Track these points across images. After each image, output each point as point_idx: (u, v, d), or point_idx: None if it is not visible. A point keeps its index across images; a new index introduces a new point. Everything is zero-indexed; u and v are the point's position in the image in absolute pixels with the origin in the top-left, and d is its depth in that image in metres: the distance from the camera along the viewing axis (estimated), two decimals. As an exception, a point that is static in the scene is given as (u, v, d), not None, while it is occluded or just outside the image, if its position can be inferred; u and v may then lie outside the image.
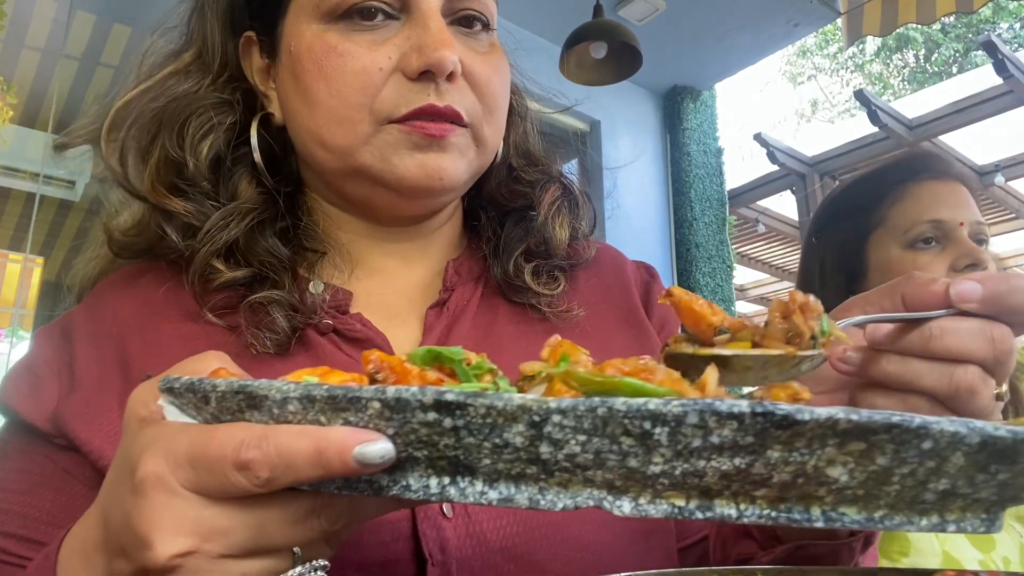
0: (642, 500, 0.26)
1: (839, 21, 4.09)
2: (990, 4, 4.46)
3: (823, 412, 0.23)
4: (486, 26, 0.55)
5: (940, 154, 1.19)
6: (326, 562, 0.31)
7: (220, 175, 0.57)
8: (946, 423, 0.24)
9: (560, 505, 0.27)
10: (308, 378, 0.29)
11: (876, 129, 5.02)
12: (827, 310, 1.05)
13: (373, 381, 0.29)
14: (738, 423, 0.23)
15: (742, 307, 7.43)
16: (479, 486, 0.27)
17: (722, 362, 0.33)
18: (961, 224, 1.01)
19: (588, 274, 0.65)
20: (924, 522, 0.27)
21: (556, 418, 0.25)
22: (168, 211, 0.55)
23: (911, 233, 1.03)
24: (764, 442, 0.24)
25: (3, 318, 4.23)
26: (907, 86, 14.59)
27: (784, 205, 6.26)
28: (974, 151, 5.27)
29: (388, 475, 0.28)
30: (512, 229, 0.62)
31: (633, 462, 0.25)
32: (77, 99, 3.98)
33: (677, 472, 0.25)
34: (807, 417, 0.23)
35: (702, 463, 0.25)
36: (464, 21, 0.54)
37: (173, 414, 0.31)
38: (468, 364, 0.30)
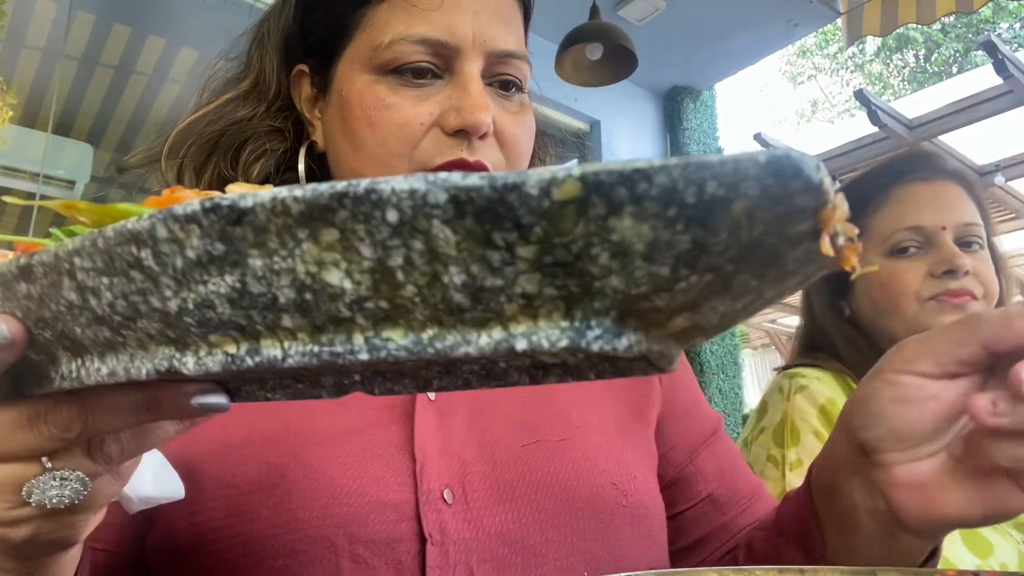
0: (201, 353, 0.24)
1: (839, 21, 4.08)
2: (990, 4, 4.46)
3: (267, 194, 0.20)
4: (519, 88, 0.60)
5: (931, 153, 1.13)
6: (79, 473, 0.30)
7: None
8: (399, 180, 0.19)
9: (144, 371, 0.25)
10: None
11: (876, 129, 5.01)
12: (824, 328, 1.06)
13: None
14: (199, 227, 0.21)
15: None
16: (96, 363, 0.26)
17: None
18: (943, 228, 0.97)
19: None
20: (484, 339, 0.21)
21: (77, 261, 0.23)
22: None
23: (890, 242, 0.99)
24: (235, 247, 0.21)
25: (3, 318, 4.23)
26: (907, 86, 14.59)
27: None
28: (974, 151, 5.26)
29: (53, 366, 0.28)
30: None
31: (155, 301, 0.23)
32: (77, 99, 3.98)
33: (191, 306, 0.23)
34: (251, 203, 0.20)
35: (202, 289, 0.22)
36: (501, 84, 0.59)
37: None
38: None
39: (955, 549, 0.85)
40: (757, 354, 9.53)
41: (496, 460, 0.53)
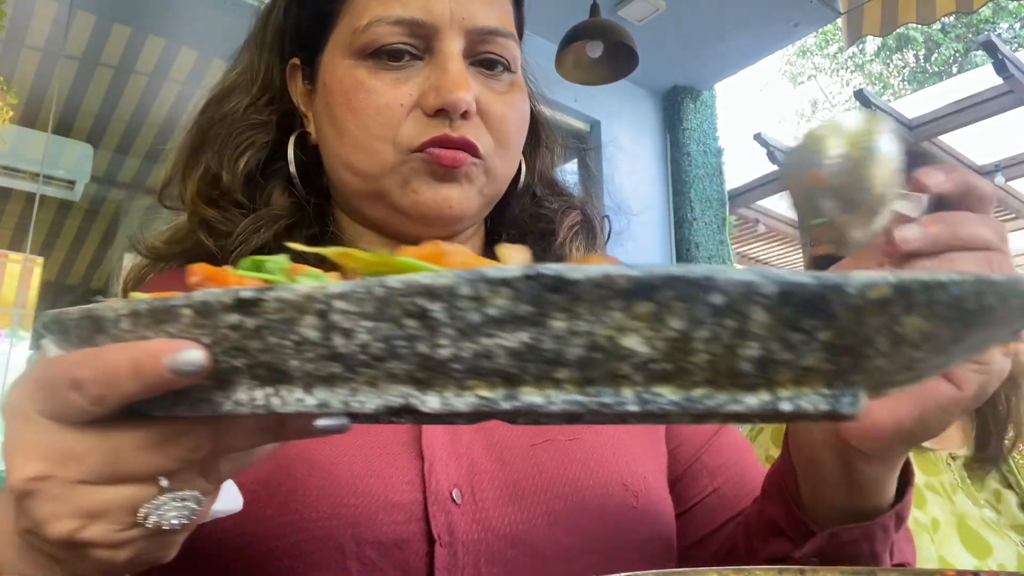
0: (448, 394, 0.24)
1: (839, 21, 4.09)
2: (990, 4, 4.46)
3: (596, 269, 0.21)
4: (507, 68, 0.59)
5: (920, 152, 1.15)
6: (196, 493, 0.30)
7: (256, 187, 0.62)
8: (735, 272, 0.21)
9: (371, 405, 0.25)
10: (136, 295, 0.29)
11: (876, 129, 5.01)
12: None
13: None
14: (511, 290, 0.22)
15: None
16: (298, 393, 0.26)
17: None
18: None
19: None
20: (752, 400, 0.23)
21: (339, 304, 0.24)
22: (205, 219, 0.61)
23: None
24: (543, 310, 0.22)
25: (3, 318, 4.23)
26: (907, 86, 14.59)
27: (784, 205, 6.25)
28: (974, 151, 5.26)
29: (221, 391, 0.28)
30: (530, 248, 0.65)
31: (423, 347, 0.23)
32: (77, 99, 3.99)
33: (466, 355, 0.23)
34: (579, 276, 0.21)
35: (488, 341, 0.23)
36: (485, 63, 0.58)
37: (52, 351, 0.31)
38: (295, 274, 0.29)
39: (954, 550, 0.85)
40: (757, 354, 9.52)
41: (504, 459, 0.52)
